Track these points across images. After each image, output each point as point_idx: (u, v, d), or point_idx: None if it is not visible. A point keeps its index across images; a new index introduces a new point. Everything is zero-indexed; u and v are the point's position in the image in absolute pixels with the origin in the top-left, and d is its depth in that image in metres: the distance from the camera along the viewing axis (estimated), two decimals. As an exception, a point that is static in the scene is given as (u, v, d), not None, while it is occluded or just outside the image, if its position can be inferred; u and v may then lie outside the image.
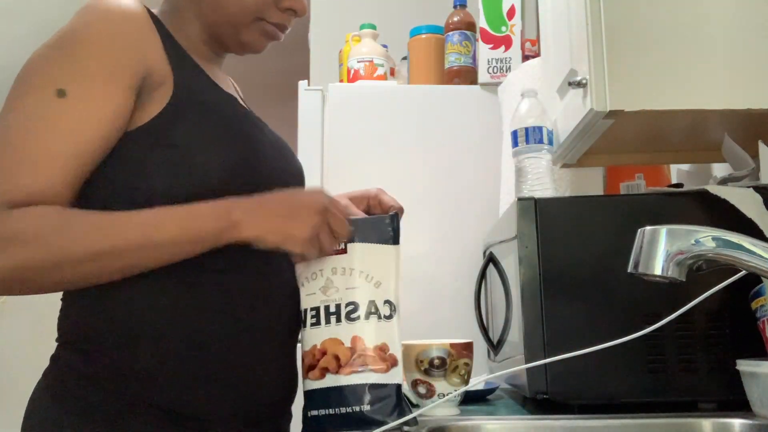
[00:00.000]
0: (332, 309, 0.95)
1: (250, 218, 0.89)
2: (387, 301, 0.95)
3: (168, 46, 0.96)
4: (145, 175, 0.91)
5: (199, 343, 0.91)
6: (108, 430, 0.87)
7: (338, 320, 0.94)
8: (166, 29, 0.98)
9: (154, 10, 1.03)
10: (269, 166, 1.02)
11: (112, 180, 0.91)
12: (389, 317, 0.94)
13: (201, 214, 0.88)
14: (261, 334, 0.96)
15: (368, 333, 0.93)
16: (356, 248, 0.97)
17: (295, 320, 1.00)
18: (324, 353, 0.94)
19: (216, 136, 0.95)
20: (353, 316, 0.94)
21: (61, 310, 0.97)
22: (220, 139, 0.95)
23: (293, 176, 1.09)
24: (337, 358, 0.93)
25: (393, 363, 0.92)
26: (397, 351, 0.93)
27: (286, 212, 0.91)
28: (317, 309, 0.96)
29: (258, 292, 0.97)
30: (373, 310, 0.94)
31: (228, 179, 0.94)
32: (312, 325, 0.96)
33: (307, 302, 0.97)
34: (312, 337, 0.95)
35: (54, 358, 0.95)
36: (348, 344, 0.93)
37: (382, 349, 0.92)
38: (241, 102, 1.11)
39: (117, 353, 0.90)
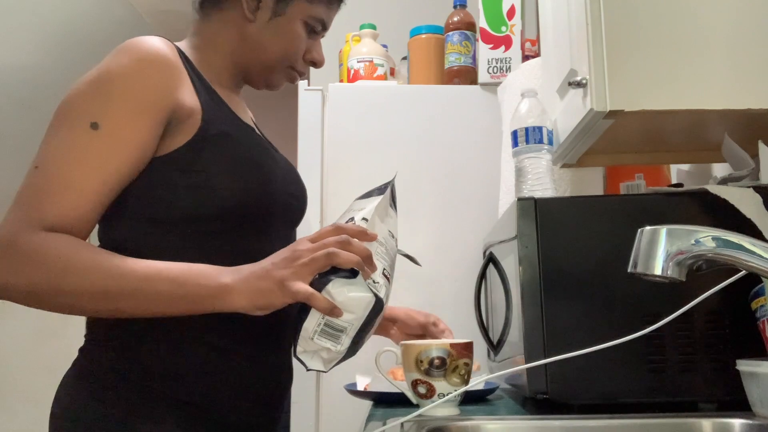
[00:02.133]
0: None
1: (240, 287, 0.92)
2: (363, 218, 1.01)
3: (195, 82, 1.07)
4: (171, 196, 1.01)
5: (215, 345, 1.02)
6: (129, 417, 0.98)
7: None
8: (193, 64, 1.10)
9: (182, 42, 1.15)
10: (280, 190, 1.13)
11: (140, 198, 1.01)
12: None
13: (196, 275, 0.93)
14: (269, 329, 1.07)
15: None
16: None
17: (292, 313, 1.03)
18: None
19: (236, 165, 1.05)
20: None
21: None
22: (239, 167, 1.05)
23: (298, 199, 1.21)
24: None
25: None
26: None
27: (265, 273, 0.93)
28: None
29: None
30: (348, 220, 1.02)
31: (245, 202, 1.05)
32: None
33: None
34: None
35: (84, 351, 1.05)
36: None
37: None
38: (257, 130, 1.22)
39: (144, 352, 1.00)
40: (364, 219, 1.01)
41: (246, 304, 0.92)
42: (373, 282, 0.94)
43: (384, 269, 0.99)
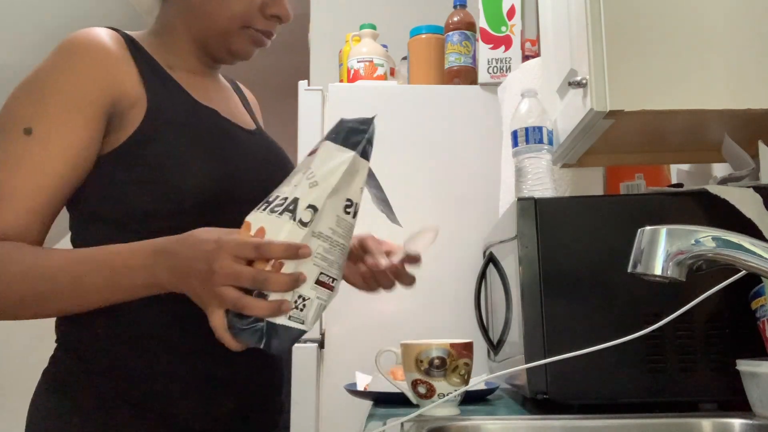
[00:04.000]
0: (270, 198, 0.85)
1: (174, 279, 0.86)
2: (310, 206, 0.82)
3: (144, 70, 1.00)
4: (119, 193, 0.96)
5: (181, 347, 0.98)
6: (98, 421, 0.95)
7: (263, 208, 0.85)
8: (146, 52, 1.03)
9: (141, 32, 1.08)
10: (250, 179, 1.04)
11: (91, 201, 0.98)
12: (304, 224, 0.81)
13: (130, 266, 0.88)
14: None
15: (275, 229, 0.82)
16: (322, 146, 0.87)
17: None
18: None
19: (191, 155, 0.97)
20: (271, 207, 0.84)
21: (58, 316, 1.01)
22: (194, 158, 0.98)
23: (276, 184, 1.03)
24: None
25: (277, 270, 0.81)
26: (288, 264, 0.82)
27: (192, 275, 0.84)
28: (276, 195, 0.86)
29: None
30: (291, 208, 0.82)
31: (203, 199, 0.97)
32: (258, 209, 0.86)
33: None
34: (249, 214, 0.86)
35: (52, 358, 1.02)
36: (252, 233, 0.83)
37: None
38: (227, 114, 1.11)
39: (111, 355, 0.97)
40: (311, 208, 0.82)
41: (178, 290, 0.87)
42: (297, 305, 0.82)
43: (320, 274, 0.83)
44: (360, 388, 1.42)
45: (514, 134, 1.35)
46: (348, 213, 0.85)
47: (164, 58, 1.06)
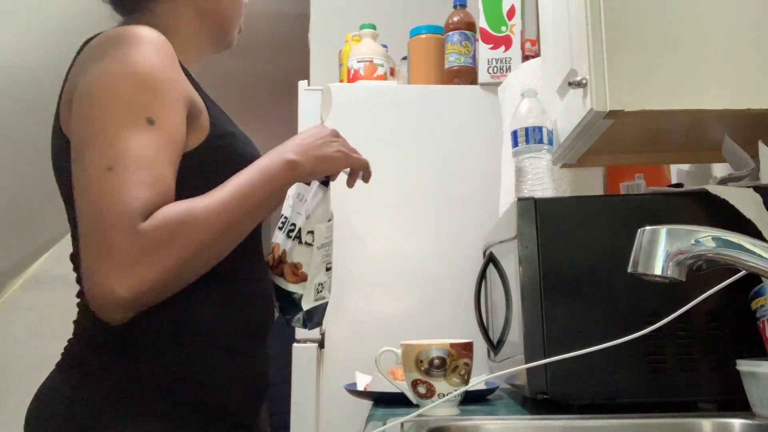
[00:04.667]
0: (283, 221, 1.15)
1: (301, 156, 1.04)
2: (310, 232, 1.12)
3: (188, 77, 1.05)
4: (187, 195, 0.96)
5: (222, 344, 1.03)
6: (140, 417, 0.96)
7: (280, 227, 1.15)
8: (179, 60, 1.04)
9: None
10: None
11: None
12: (309, 244, 1.12)
13: (267, 165, 1.02)
14: (263, 331, 1.11)
15: (288, 249, 1.12)
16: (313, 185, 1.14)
17: (272, 310, 1.15)
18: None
19: (242, 164, 1.03)
20: (284, 230, 1.14)
21: (81, 312, 1.03)
22: (244, 165, 1.03)
23: None
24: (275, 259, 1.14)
25: (303, 278, 1.12)
26: (308, 270, 1.12)
27: (317, 140, 1.08)
28: (286, 218, 1.15)
29: (260, 295, 1.10)
30: (297, 235, 1.12)
31: None
32: (278, 228, 1.16)
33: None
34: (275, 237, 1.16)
35: (74, 355, 1.01)
36: (278, 252, 1.14)
37: (296, 266, 1.11)
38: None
39: (151, 355, 0.98)
40: (310, 234, 1.12)
41: (311, 171, 1.05)
42: (318, 289, 1.14)
43: (327, 263, 1.16)
44: (360, 388, 1.42)
45: (514, 134, 1.35)
46: (330, 221, 1.15)
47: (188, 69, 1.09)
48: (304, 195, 1.13)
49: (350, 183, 1.16)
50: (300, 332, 1.79)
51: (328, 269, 1.17)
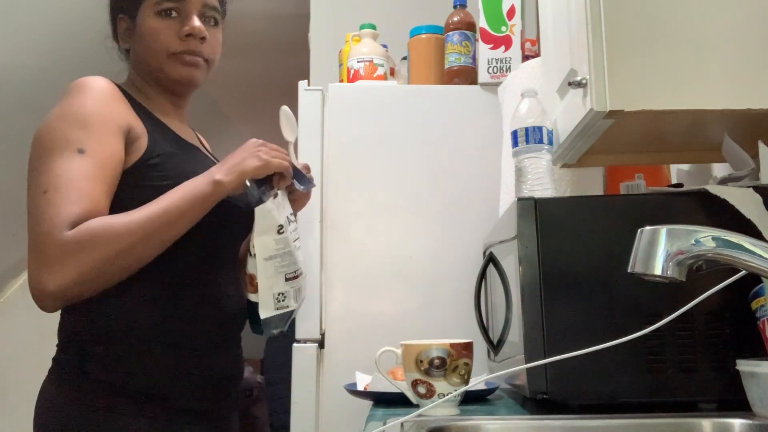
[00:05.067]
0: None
1: (225, 175, 1.18)
2: (252, 246, 1.23)
3: (137, 110, 1.24)
4: (123, 209, 1.13)
5: (172, 342, 1.18)
6: (102, 413, 1.12)
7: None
8: (132, 96, 1.26)
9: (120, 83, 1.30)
10: (227, 202, 1.24)
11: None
12: (254, 256, 1.23)
13: (194, 185, 1.16)
14: (213, 329, 1.23)
15: (248, 263, 1.25)
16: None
17: (238, 314, 1.28)
18: None
19: (181, 179, 1.17)
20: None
21: (61, 319, 1.20)
22: (183, 180, 1.18)
23: (245, 208, 1.30)
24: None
25: (257, 289, 1.23)
26: (259, 281, 1.23)
27: (241, 156, 1.21)
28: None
29: (211, 297, 1.24)
30: (251, 252, 1.24)
31: None
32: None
33: None
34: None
35: (55, 360, 1.19)
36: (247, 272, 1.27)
37: (252, 277, 1.24)
38: (203, 150, 1.40)
39: (107, 353, 1.14)
40: (253, 247, 1.23)
41: (237, 185, 1.18)
42: (279, 299, 1.24)
43: (285, 275, 1.25)
44: (360, 388, 1.43)
45: (514, 134, 1.35)
46: (281, 233, 1.23)
47: (145, 104, 1.28)
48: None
49: (278, 185, 1.25)
50: (300, 332, 1.79)
51: (290, 279, 1.26)
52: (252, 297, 1.25)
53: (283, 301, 1.24)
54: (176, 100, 1.34)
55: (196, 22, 1.27)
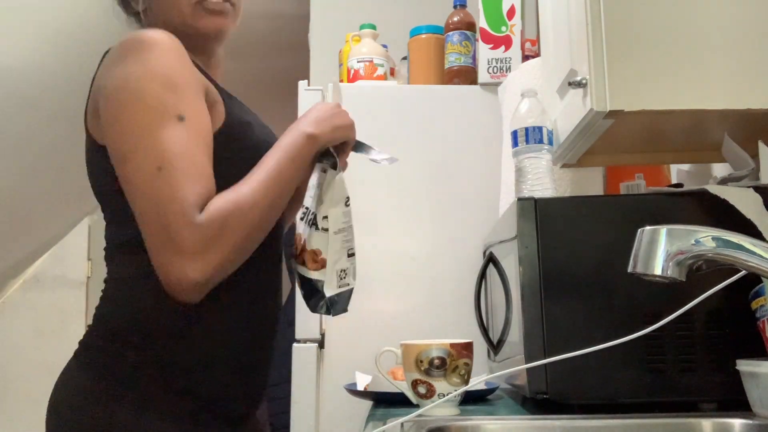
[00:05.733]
0: (304, 211, 1.16)
1: (316, 128, 1.11)
2: (324, 217, 1.13)
3: (200, 70, 1.11)
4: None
5: (222, 340, 1.08)
6: (140, 410, 1.02)
7: (301, 217, 1.15)
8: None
9: None
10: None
11: None
12: (325, 230, 1.12)
13: (289, 142, 1.09)
14: (260, 330, 1.14)
15: (307, 236, 1.14)
16: (317, 167, 1.15)
17: (275, 317, 1.18)
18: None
19: (259, 151, 1.10)
20: (304, 219, 1.15)
21: (103, 307, 1.10)
22: (260, 150, 1.10)
23: None
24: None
25: (323, 265, 1.13)
26: (327, 256, 1.12)
27: (326, 112, 1.14)
28: (306, 209, 1.16)
29: (259, 295, 1.14)
30: (314, 221, 1.13)
31: None
32: (300, 219, 1.16)
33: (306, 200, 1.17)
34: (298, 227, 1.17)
35: (92, 346, 1.07)
36: (300, 242, 1.14)
37: (315, 253, 1.13)
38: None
39: (158, 347, 1.04)
40: (325, 218, 1.13)
41: (328, 140, 1.12)
42: (341, 276, 1.14)
43: (348, 250, 1.16)
44: (360, 388, 1.42)
45: (514, 134, 1.35)
46: (348, 205, 1.15)
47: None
48: (319, 182, 1.15)
49: (347, 153, 1.20)
50: (300, 332, 1.78)
51: (350, 255, 1.17)
52: (313, 275, 1.14)
53: (344, 278, 1.16)
54: (206, 60, 1.20)
55: None
